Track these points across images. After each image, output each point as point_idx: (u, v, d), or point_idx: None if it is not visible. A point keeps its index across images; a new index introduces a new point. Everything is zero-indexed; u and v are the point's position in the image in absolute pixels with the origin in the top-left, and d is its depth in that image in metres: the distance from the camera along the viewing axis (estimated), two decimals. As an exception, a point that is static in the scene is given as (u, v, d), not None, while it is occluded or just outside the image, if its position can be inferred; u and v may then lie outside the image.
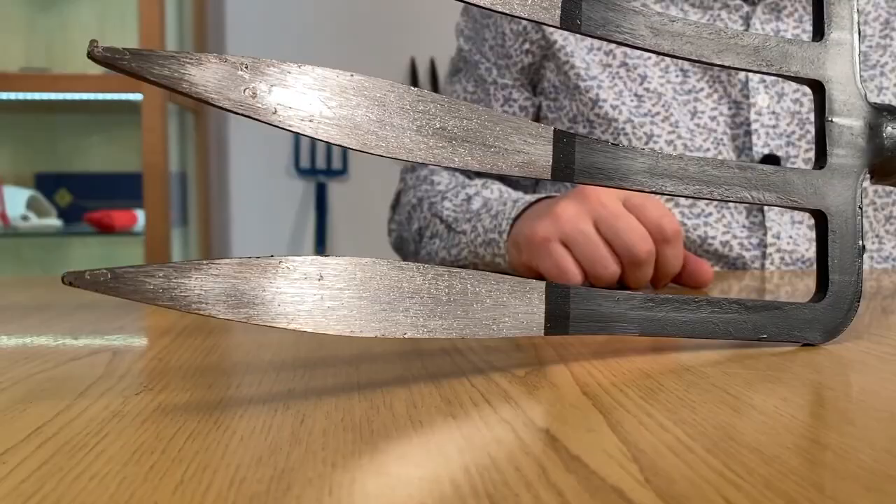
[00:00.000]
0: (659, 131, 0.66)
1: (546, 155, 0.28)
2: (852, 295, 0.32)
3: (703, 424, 0.21)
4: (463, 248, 0.61)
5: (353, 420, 0.21)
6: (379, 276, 0.24)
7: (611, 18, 0.30)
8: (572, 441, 0.20)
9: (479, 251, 0.59)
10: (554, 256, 0.49)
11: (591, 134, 0.68)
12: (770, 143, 0.66)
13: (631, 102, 0.67)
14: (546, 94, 0.71)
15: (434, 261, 0.66)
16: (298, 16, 1.93)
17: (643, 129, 0.66)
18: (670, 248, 0.48)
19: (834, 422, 0.21)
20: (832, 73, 0.33)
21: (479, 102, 0.73)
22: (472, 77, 0.74)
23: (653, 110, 0.66)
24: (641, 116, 0.66)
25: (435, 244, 0.65)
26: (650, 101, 0.67)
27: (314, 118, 0.23)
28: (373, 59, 1.93)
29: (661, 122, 0.66)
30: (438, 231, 0.65)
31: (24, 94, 1.69)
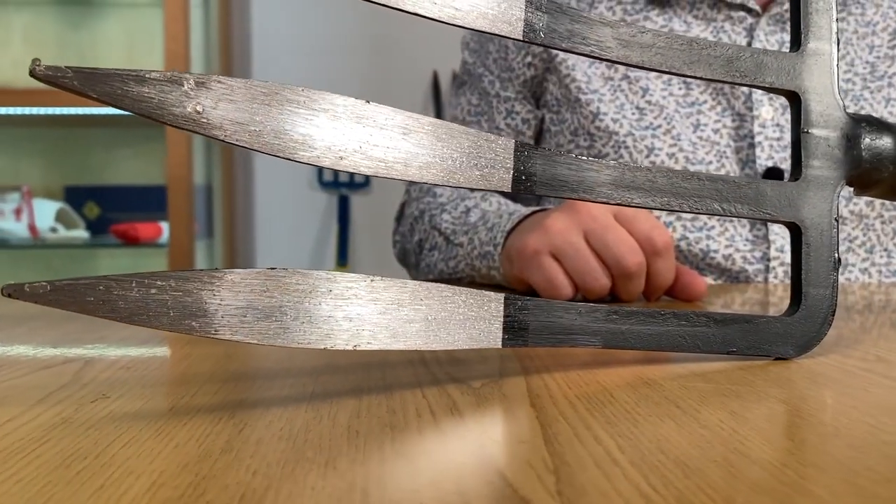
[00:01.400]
0: (660, 144, 0.66)
1: (506, 167, 0.28)
2: (827, 308, 0.32)
3: (639, 437, 0.21)
4: (460, 260, 0.61)
5: (291, 430, 0.22)
6: (329, 289, 0.24)
7: (576, 31, 0.30)
8: (500, 452, 0.20)
9: (475, 264, 0.59)
10: (544, 269, 0.49)
11: (591, 147, 0.68)
12: (774, 155, 0.65)
13: (632, 115, 0.67)
14: (549, 107, 0.71)
15: (433, 273, 0.66)
16: (323, 29, 1.95)
17: (644, 143, 0.66)
18: (661, 260, 0.48)
19: (773, 436, 0.21)
20: (809, 83, 0.33)
21: (483, 115, 0.73)
22: (475, 90, 0.74)
23: (654, 123, 0.66)
24: (643, 130, 0.66)
25: (434, 256, 0.66)
26: (652, 114, 0.66)
27: (263, 132, 0.23)
28: (395, 73, 1.95)
29: (663, 134, 0.66)
30: (437, 243, 0.65)
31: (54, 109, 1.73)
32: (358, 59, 1.97)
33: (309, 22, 1.95)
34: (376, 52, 1.97)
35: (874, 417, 0.23)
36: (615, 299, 0.50)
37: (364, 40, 1.96)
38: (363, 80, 1.96)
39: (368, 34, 1.95)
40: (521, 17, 0.29)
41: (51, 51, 1.90)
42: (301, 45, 1.95)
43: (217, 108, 0.23)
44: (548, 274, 0.48)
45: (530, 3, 0.29)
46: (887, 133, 0.33)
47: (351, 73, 1.96)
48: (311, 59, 1.95)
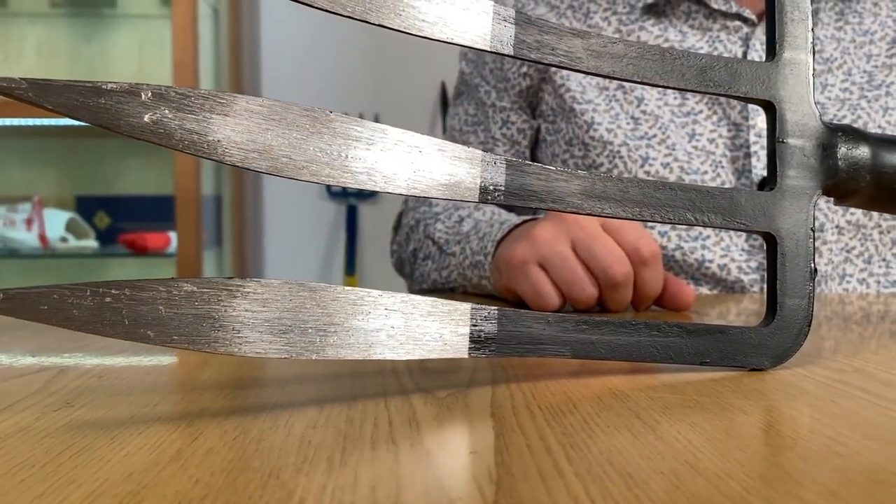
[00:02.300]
0: (655, 154, 0.65)
1: (473, 177, 0.28)
2: (803, 319, 0.32)
3: (591, 449, 0.21)
4: (452, 270, 0.61)
5: (245, 439, 0.22)
6: (289, 298, 0.24)
7: (545, 41, 0.30)
8: (447, 462, 0.20)
9: (467, 273, 0.59)
10: (531, 279, 0.48)
11: (586, 157, 0.68)
12: (770, 164, 0.65)
13: (627, 125, 0.67)
14: (544, 116, 0.71)
15: (426, 282, 0.66)
16: (332, 40, 1.96)
17: (639, 153, 0.66)
18: (648, 270, 0.47)
19: (727, 448, 0.21)
20: (784, 93, 0.33)
21: (479, 125, 0.74)
22: (472, 100, 0.75)
23: (649, 133, 0.66)
24: (637, 140, 0.66)
25: (427, 266, 0.66)
26: (647, 124, 0.66)
27: (221, 142, 0.23)
28: (404, 84, 1.96)
29: (658, 144, 0.66)
30: (431, 253, 0.65)
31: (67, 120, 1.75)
32: (367, 70, 1.98)
33: (318, 33, 1.97)
34: (385, 63, 1.98)
35: (834, 429, 0.23)
36: (604, 309, 0.50)
37: (373, 51, 1.97)
38: (372, 91, 1.97)
39: (377, 45, 1.96)
40: (489, 28, 0.29)
41: (63, 62, 1.92)
42: (310, 57, 1.97)
43: (174, 118, 0.23)
44: (535, 283, 0.48)
45: (497, 14, 0.29)
46: (864, 143, 0.33)
47: (360, 84, 1.97)
48: (320, 69, 1.96)
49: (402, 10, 0.27)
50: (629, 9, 0.69)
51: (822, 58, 0.68)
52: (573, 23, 0.71)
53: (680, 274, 0.65)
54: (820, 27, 0.68)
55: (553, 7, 0.72)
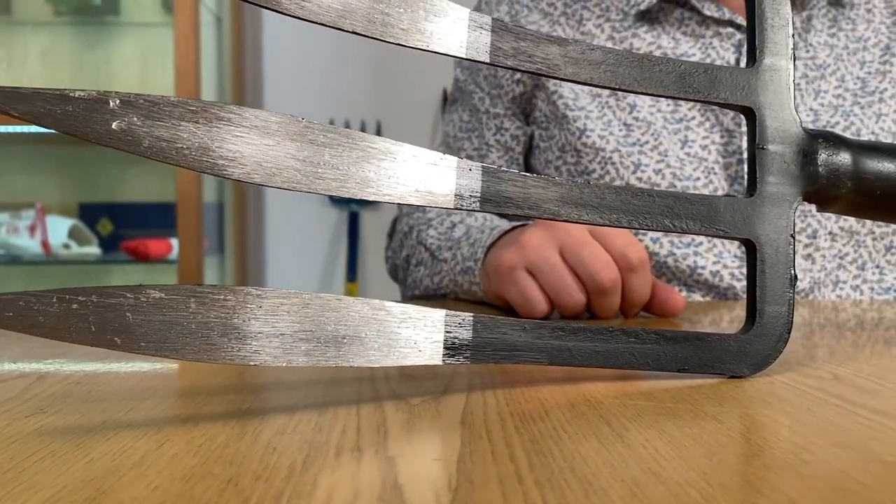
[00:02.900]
0: (647, 161, 0.65)
1: (448, 184, 0.28)
2: (782, 326, 0.32)
3: (556, 456, 0.21)
4: (444, 276, 0.61)
5: (210, 445, 0.22)
6: (259, 305, 0.24)
7: (522, 49, 0.30)
8: (409, 470, 0.19)
9: (458, 279, 0.59)
10: (519, 285, 0.48)
11: (578, 163, 0.68)
12: (763, 170, 0.65)
13: (619, 132, 0.67)
14: (538, 123, 0.72)
15: (419, 288, 0.66)
16: (334, 48, 1.97)
17: (630, 159, 0.66)
18: (636, 276, 0.47)
19: (692, 456, 0.21)
20: (764, 99, 0.33)
21: (473, 132, 0.74)
22: (467, 107, 0.75)
23: (641, 139, 0.66)
24: (629, 146, 0.66)
25: (420, 272, 0.66)
26: (639, 131, 0.66)
27: (191, 150, 0.23)
28: (405, 92, 1.96)
29: (650, 151, 0.66)
30: (423, 259, 0.65)
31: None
32: (369, 78, 1.98)
33: (320, 41, 1.97)
34: (387, 71, 1.98)
35: (804, 437, 0.22)
36: (592, 316, 0.50)
37: (375, 59, 1.98)
38: (374, 99, 1.97)
39: (379, 53, 1.97)
40: (465, 35, 0.29)
41: (67, 70, 1.93)
42: (312, 64, 1.97)
43: (143, 125, 0.23)
44: (523, 290, 0.48)
45: (473, 22, 0.29)
46: (845, 149, 0.33)
47: (362, 91, 1.98)
48: (323, 77, 1.97)
49: (375, 17, 0.27)
50: (622, 16, 0.70)
51: (816, 64, 0.68)
52: (566, 30, 0.71)
53: (672, 280, 0.65)
54: (813, 34, 0.68)
55: (546, 14, 0.72)
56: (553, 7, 0.72)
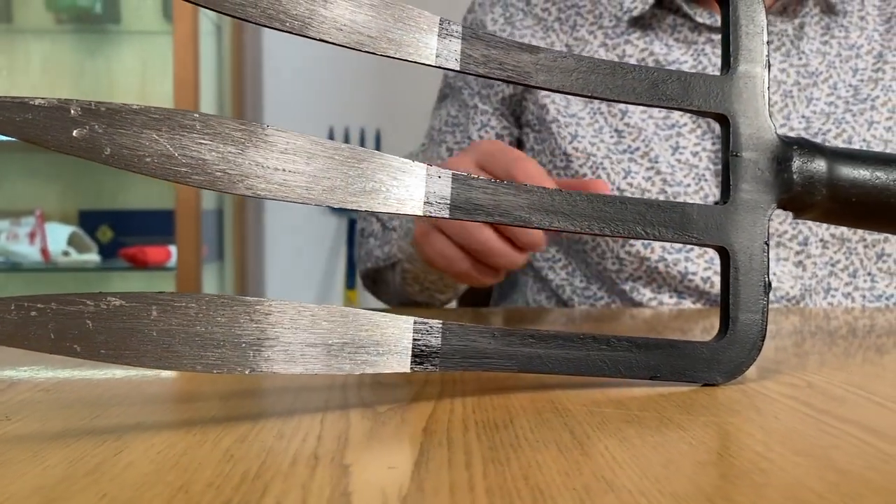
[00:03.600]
0: (637, 168, 0.65)
1: (417, 191, 0.28)
2: (757, 334, 0.32)
3: (512, 464, 0.21)
4: (393, 244, 0.63)
5: (168, 453, 0.22)
6: (221, 313, 0.24)
7: (492, 56, 0.30)
8: (361, 478, 0.19)
9: (402, 244, 0.60)
10: (434, 245, 0.49)
11: (568, 167, 0.68)
12: (753, 178, 0.65)
13: (610, 139, 0.67)
14: (531, 125, 0.71)
15: (371, 261, 0.67)
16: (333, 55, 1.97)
17: (621, 166, 0.66)
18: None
19: (649, 465, 0.21)
20: (738, 106, 0.33)
21: (458, 126, 0.73)
22: (455, 102, 0.75)
23: (632, 146, 0.66)
24: (620, 153, 0.66)
25: (370, 242, 0.67)
26: (630, 137, 0.66)
27: (153, 157, 0.24)
28: (405, 99, 1.96)
29: (640, 157, 0.66)
30: (375, 230, 0.67)
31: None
32: (369, 86, 1.98)
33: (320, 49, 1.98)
34: (386, 80, 1.99)
35: (766, 446, 0.22)
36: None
37: (374, 68, 1.98)
38: (374, 107, 1.98)
39: (379, 62, 1.97)
40: (434, 43, 0.29)
41: (68, 78, 1.94)
42: (312, 72, 1.98)
43: (104, 133, 0.23)
44: (438, 248, 0.48)
45: (444, 29, 0.29)
46: (820, 156, 0.33)
47: (362, 99, 1.98)
48: (323, 85, 1.97)
49: (343, 26, 0.27)
50: (615, 22, 0.70)
51: (808, 71, 0.68)
52: (560, 35, 0.71)
53: (663, 286, 0.65)
54: (805, 41, 0.68)
55: (541, 20, 0.72)
56: (547, 13, 0.72)
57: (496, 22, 0.73)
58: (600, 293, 0.68)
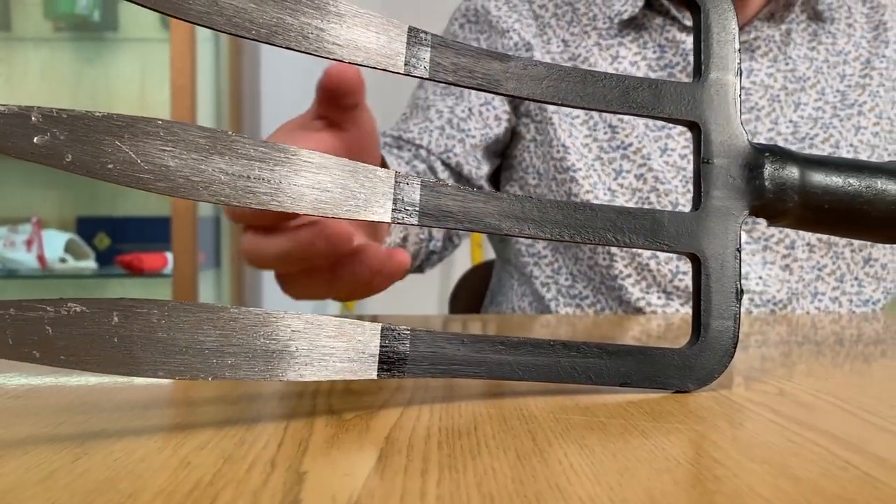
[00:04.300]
0: (629, 166, 0.66)
1: (385, 198, 0.28)
2: (728, 340, 0.32)
3: (468, 471, 0.20)
4: None
5: (126, 460, 0.22)
6: (184, 319, 0.24)
7: (462, 64, 0.30)
8: (314, 484, 0.19)
9: None
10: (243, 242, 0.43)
11: (564, 160, 0.68)
12: (739, 184, 0.65)
13: (604, 135, 0.67)
14: (531, 116, 0.71)
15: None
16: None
17: (612, 166, 0.66)
18: None
19: (606, 472, 0.21)
20: (709, 113, 0.33)
21: (454, 94, 0.71)
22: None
23: (626, 141, 0.66)
24: (613, 150, 0.66)
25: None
26: (623, 132, 0.66)
27: (115, 163, 0.24)
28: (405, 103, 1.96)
29: (633, 153, 0.66)
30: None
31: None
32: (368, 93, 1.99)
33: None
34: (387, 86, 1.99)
35: (724, 453, 0.22)
36: None
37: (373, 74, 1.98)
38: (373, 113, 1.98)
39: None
40: (402, 50, 0.29)
41: (66, 85, 1.95)
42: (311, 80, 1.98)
43: (66, 140, 0.23)
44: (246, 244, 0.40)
45: (412, 37, 0.29)
46: (792, 163, 0.33)
47: (358, 105, 1.98)
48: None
49: (310, 34, 0.27)
50: (608, 24, 0.70)
51: (795, 76, 0.68)
52: (557, 31, 0.71)
53: (652, 285, 0.65)
54: (792, 47, 0.68)
55: (538, 16, 0.72)
56: (544, 9, 0.72)
57: (500, 9, 0.73)
58: (585, 292, 0.68)
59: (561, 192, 0.67)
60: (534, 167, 0.70)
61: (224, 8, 0.26)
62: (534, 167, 0.70)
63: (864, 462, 0.22)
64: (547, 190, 0.69)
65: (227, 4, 0.26)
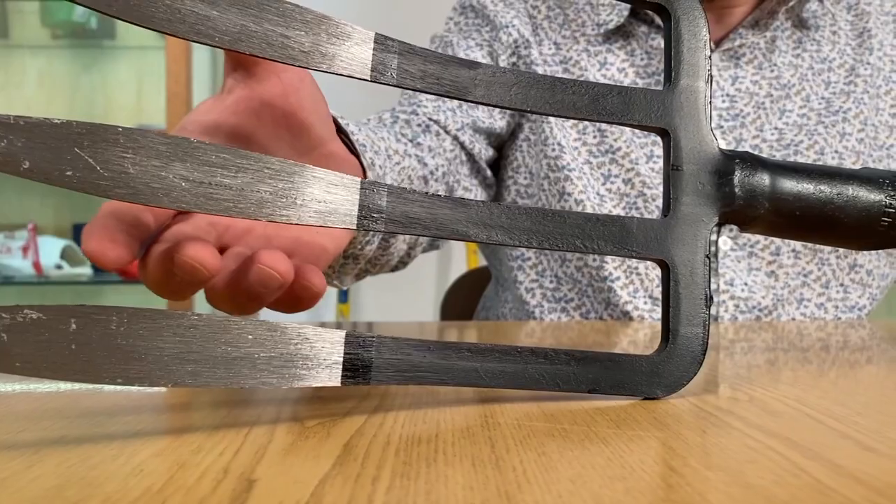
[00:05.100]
0: (617, 170, 0.66)
1: (351, 204, 0.28)
2: (698, 347, 0.31)
3: (421, 479, 0.20)
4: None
5: (80, 468, 0.21)
6: (144, 326, 0.24)
7: (430, 71, 0.30)
8: (264, 491, 0.19)
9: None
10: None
11: (559, 158, 0.68)
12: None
13: (594, 139, 0.67)
14: (527, 115, 0.71)
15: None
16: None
17: (601, 171, 0.66)
18: None
19: (558, 479, 0.20)
20: (679, 120, 0.33)
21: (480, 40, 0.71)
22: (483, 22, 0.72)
23: (614, 145, 0.66)
24: (602, 155, 0.66)
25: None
26: (612, 136, 0.66)
27: (74, 170, 0.24)
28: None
29: (622, 158, 0.66)
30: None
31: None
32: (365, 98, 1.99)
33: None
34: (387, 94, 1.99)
35: (682, 461, 0.22)
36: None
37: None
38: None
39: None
40: (369, 57, 0.29)
41: (63, 92, 1.95)
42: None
43: (23, 147, 0.23)
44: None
45: (379, 44, 0.29)
46: (762, 169, 0.33)
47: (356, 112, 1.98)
48: (315, 98, 1.98)
49: (275, 41, 0.27)
50: (596, 30, 0.70)
51: (780, 83, 0.68)
52: (549, 33, 0.71)
53: (639, 290, 0.65)
54: (777, 54, 0.69)
55: (531, 17, 0.72)
56: (537, 10, 0.72)
57: (496, 4, 0.73)
58: (570, 294, 0.67)
59: (554, 192, 0.67)
60: (526, 166, 0.70)
61: (186, 16, 0.26)
62: (526, 166, 0.70)
63: (819, 469, 0.21)
64: (538, 190, 0.69)
65: (189, 12, 0.26)
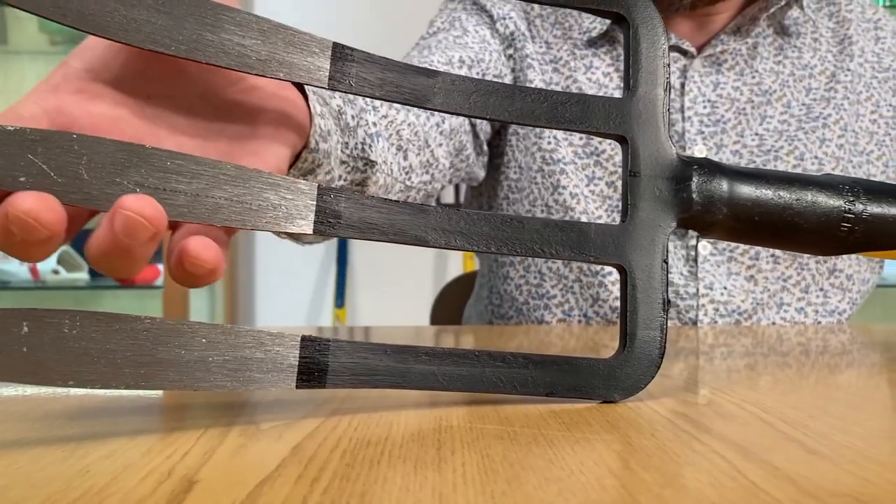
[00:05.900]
0: (601, 173, 0.66)
1: (307, 210, 0.29)
2: (655, 351, 0.32)
3: (360, 481, 0.21)
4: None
5: (28, 469, 0.22)
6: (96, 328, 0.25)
7: (388, 79, 0.31)
8: (201, 493, 0.20)
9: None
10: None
11: (542, 168, 0.68)
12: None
13: (579, 140, 0.67)
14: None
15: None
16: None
17: (585, 172, 0.66)
18: None
19: (494, 480, 0.21)
20: (637, 127, 0.33)
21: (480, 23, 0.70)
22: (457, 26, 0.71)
23: (598, 147, 0.67)
24: (587, 157, 0.67)
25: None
26: (597, 139, 0.67)
27: (27, 176, 0.24)
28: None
29: (605, 161, 0.66)
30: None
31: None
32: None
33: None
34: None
35: (623, 463, 0.23)
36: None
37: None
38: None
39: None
40: (327, 66, 0.29)
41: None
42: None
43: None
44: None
45: (337, 53, 0.30)
46: (720, 175, 0.33)
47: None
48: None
49: (231, 50, 0.28)
50: (583, 36, 0.70)
51: (761, 89, 0.68)
52: (541, 32, 0.71)
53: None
54: (759, 60, 0.69)
55: (526, 13, 0.72)
56: (531, 7, 0.72)
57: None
58: (553, 291, 0.68)
59: (548, 185, 0.67)
60: (515, 161, 0.70)
61: (142, 25, 0.26)
62: (515, 161, 0.70)
63: (756, 471, 0.22)
64: (530, 183, 0.69)
65: (145, 21, 0.26)
